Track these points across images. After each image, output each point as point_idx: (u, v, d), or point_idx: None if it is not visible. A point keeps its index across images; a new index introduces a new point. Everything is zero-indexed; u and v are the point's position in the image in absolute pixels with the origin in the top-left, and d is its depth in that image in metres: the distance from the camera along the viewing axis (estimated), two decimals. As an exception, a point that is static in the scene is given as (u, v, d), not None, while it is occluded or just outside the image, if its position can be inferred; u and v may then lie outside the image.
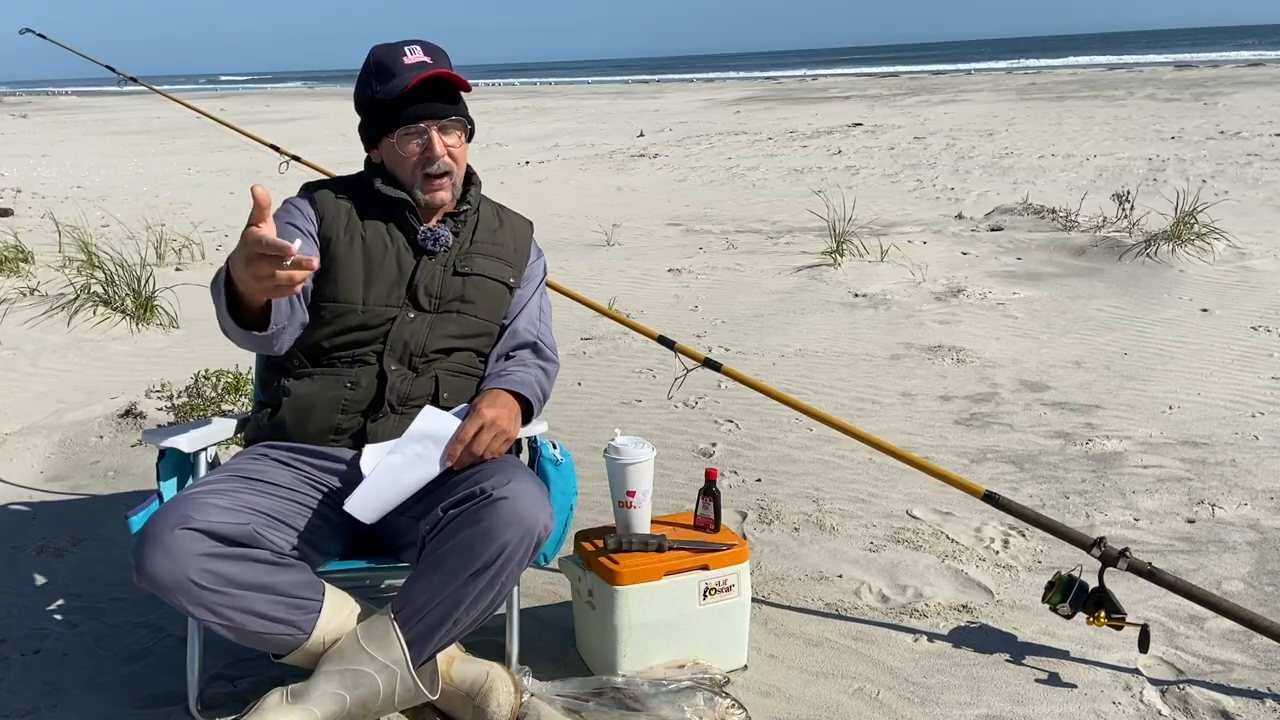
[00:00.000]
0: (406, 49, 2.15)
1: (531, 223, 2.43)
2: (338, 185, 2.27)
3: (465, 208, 2.26)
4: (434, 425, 2.03)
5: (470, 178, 2.29)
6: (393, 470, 1.99)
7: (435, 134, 2.14)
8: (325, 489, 2.10)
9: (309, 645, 1.98)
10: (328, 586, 2.03)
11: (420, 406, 2.13)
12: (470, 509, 1.91)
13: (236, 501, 1.92)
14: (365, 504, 1.98)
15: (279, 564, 1.92)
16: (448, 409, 2.12)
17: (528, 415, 2.17)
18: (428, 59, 2.14)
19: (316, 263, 1.69)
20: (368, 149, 2.24)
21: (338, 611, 2.01)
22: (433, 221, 2.23)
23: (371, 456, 2.02)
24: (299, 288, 1.72)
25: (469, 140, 2.27)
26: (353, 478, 2.09)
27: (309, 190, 2.25)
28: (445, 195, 2.19)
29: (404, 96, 2.11)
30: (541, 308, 2.37)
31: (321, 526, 2.05)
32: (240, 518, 1.89)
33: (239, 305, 1.87)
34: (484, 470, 2.00)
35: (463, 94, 2.22)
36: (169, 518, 1.83)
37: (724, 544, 2.29)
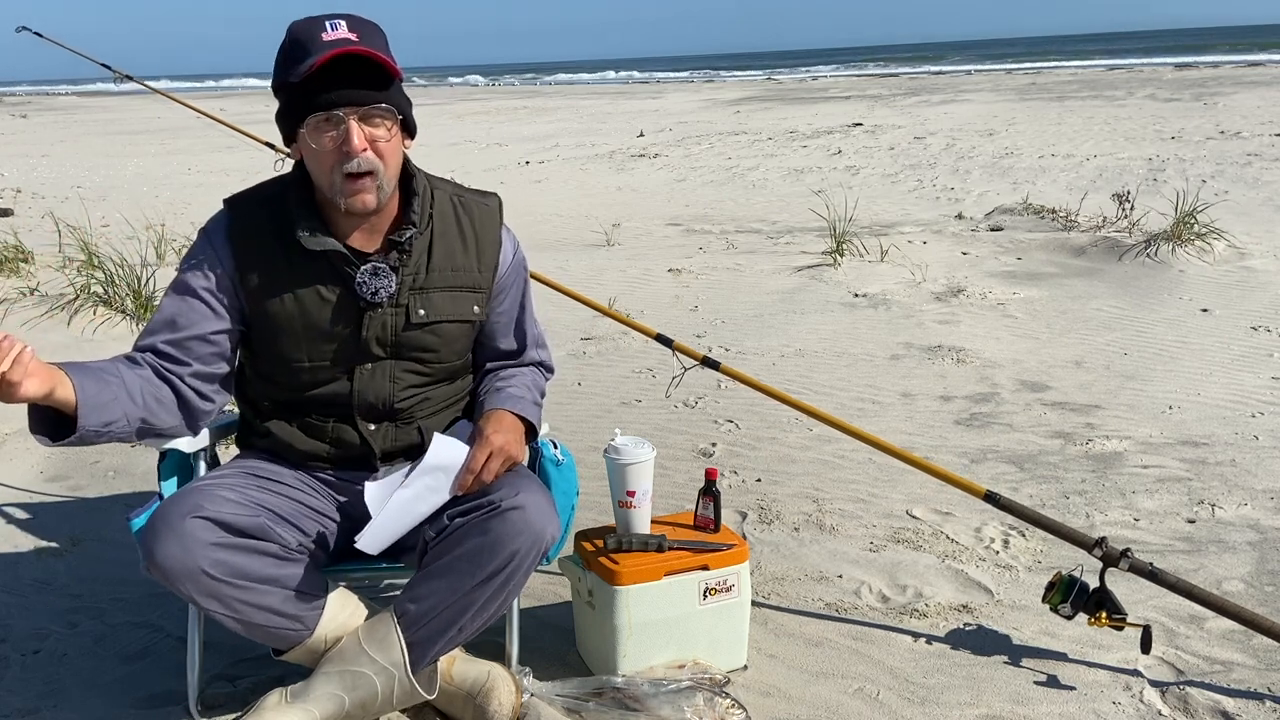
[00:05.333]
0: (328, 23, 1.83)
1: (499, 202, 2.13)
2: (261, 205, 1.98)
3: (410, 232, 1.96)
4: (444, 456, 1.96)
5: (412, 183, 1.99)
6: (404, 504, 1.94)
7: (354, 124, 1.83)
8: (326, 493, 2.10)
9: (311, 642, 1.98)
10: (331, 584, 2.03)
11: (406, 455, 2.08)
12: (479, 518, 1.90)
13: (245, 496, 1.92)
14: (375, 539, 1.94)
15: (286, 558, 1.92)
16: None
17: (530, 431, 2.12)
18: (351, 35, 1.83)
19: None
20: (286, 143, 1.94)
21: (341, 609, 2.01)
22: (371, 248, 1.96)
23: (376, 492, 1.96)
24: (16, 383, 1.63)
25: (411, 136, 1.96)
26: (351, 486, 2.09)
27: (229, 214, 1.98)
28: (370, 199, 1.88)
29: (314, 77, 1.80)
30: (525, 307, 2.20)
31: (324, 527, 2.05)
32: (250, 510, 1.89)
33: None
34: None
35: (399, 82, 1.91)
36: (181, 506, 1.83)
37: (724, 544, 2.28)
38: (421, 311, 2.00)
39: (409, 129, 1.96)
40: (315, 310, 1.96)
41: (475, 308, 2.07)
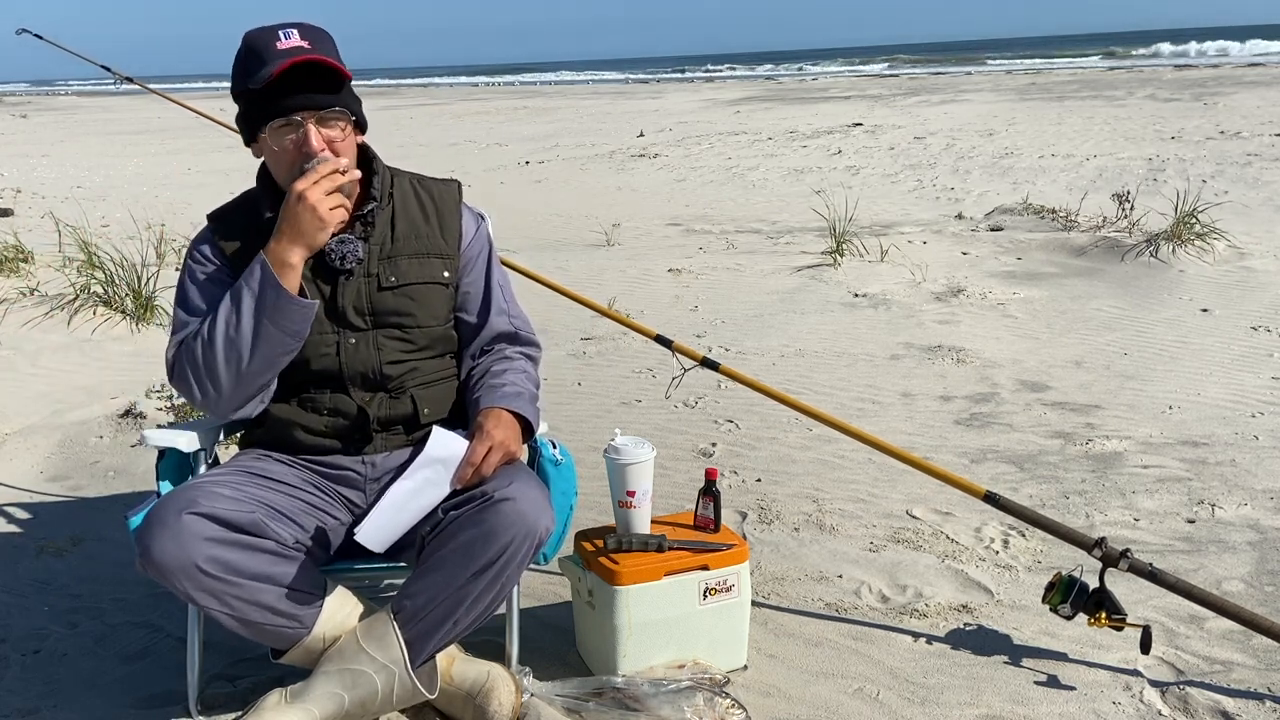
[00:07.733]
0: (281, 33, 1.95)
1: (458, 184, 2.22)
2: (240, 211, 2.12)
3: (371, 205, 2.08)
4: (444, 449, 1.98)
5: (372, 164, 2.11)
6: (403, 497, 1.96)
7: (312, 127, 1.95)
8: (326, 490, 2.10)
9: (309, 641, 1.98)
10: (330, 583, 2.03)
11: (402, 428, 2.11)
12: (472, 510, 1.90)
13: (242, 493, 1.93)
14: (375, 533, 1.95)
15: (283, 555, 1.93)
16: (441, 424, 2.08)
17: (528, 428, 2.12)
18: (304, 43, 1.94)
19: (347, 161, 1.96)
20: (247, 144, 2.06)
21: (339, 608, 2.02)
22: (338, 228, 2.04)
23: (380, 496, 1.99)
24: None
25: (362, 132, 2.08)
26: (351, 480, 2.09)
27: (212, 225, 2.12)
28: None
29: (273, 85, 1.91)
30: (501, 286, 2.23)
31: (323, 525, 2.06)
32: (246, 507, 1.90)
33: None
34: None
35: (349, 83, 2.03)
36: (176, 503, 1.84)
37: (724, 544, 2.29)
38: (392, 278, 2.08)
39: (360, 125, 2.08)
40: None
41: (445, 272, 2.14)
